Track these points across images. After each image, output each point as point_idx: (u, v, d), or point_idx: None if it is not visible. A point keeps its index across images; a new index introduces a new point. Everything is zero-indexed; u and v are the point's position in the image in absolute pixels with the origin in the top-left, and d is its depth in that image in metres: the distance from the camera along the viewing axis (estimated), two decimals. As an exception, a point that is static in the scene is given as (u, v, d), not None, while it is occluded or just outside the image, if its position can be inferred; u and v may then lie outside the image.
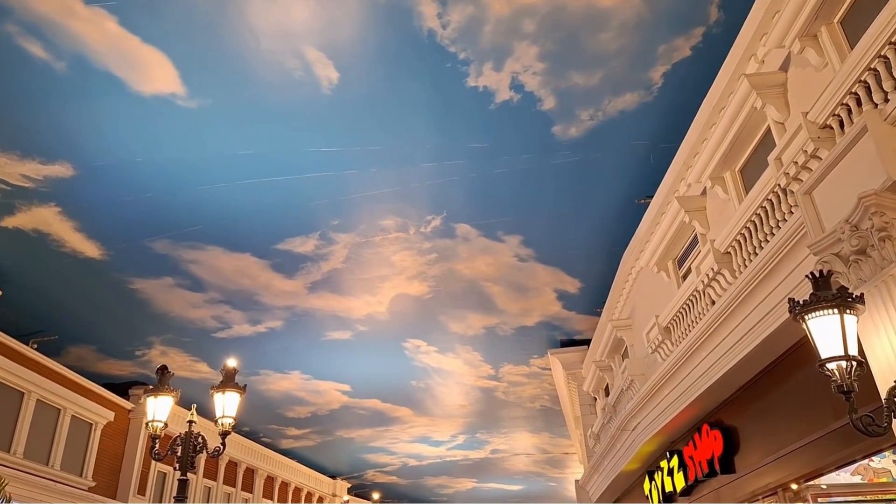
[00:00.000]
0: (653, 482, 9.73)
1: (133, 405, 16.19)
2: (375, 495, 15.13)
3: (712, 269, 6.67)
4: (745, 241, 6.04)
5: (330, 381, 17.55)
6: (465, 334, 14.99)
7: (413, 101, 8.10)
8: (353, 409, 19.52)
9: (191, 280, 12.43)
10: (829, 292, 3.76)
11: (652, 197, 9.10)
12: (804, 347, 5.88)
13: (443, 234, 11.04)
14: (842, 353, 3.68)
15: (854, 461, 6.34)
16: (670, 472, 8.77)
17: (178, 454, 7.07)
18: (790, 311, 3.90)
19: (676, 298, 7.95)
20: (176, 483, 17.05)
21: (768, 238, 5.46)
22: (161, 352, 15.28)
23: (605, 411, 11.75)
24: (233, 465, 20.29)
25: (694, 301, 7.43)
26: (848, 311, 3.71)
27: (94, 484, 14.80)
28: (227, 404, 7.14)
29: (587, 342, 14.49)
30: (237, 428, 20.55)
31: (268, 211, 10.44)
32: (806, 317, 3.79)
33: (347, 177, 9.54)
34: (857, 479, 8.07)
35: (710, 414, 7.67)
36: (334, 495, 24.87)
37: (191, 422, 7.33)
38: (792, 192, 5.22)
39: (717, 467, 7.30)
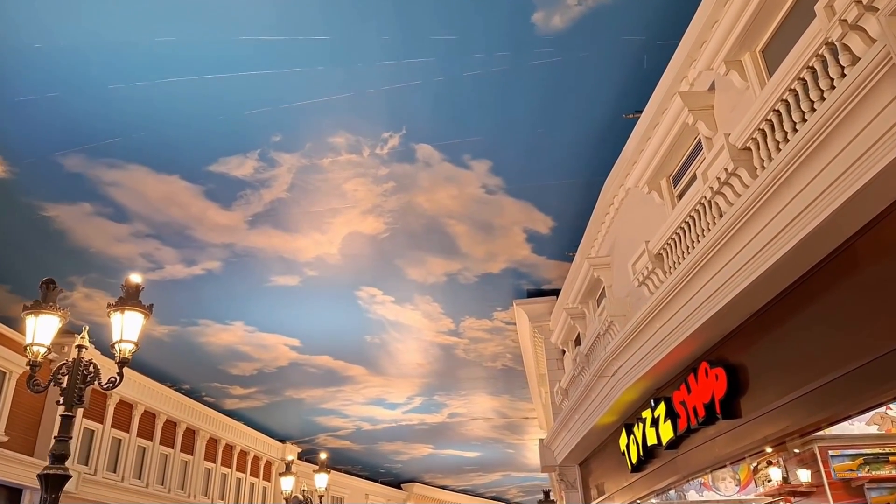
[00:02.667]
0: (631, 436, 8.76)
1: (56, 353, 14.47)
2: (323, 455, 13.88)
3: (726, 169, 5.52)
4: (777, 123, 4.89)
5: (277, 334, 16.12)
6: (424, 282, 13.74)
7: (369, -24, 6.68)
8: (303, 366, 18.16)
9: (112, 207, 10.78)
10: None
11: (641, 112, 7.92)
12: (841, 257, 4.81)
13: (401, 158, 9.68)
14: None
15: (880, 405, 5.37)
16: (654, 423, 7.76)
17: (64, 386, 5.62)
18: None
19: (672, 219, 6.82)
20: (109, 440, 15.43)
21: (824, 96, 4.29)
22: (85, 294, 13.58)
23: (575, 362, 10.72)
24: (171, 425, 18.77)
25: (696, 217, 6.31)
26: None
27: (6, 439, 13.18)
28: (127, 327, 5.71)
29: (556, 292, 13.44)
30: (176, 385, 19.04)
31: (197, 121, 8.89)
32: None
33: (290, 77, 8.05)
34: (872, 430, 7.25)
35: (709, 351, 6.63)
36: (283, 460, 23.58)
37: (80, 347, 5.86)
38: (847, 48, 4.06)
39: (719, 411, 6.27)
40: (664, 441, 7.54)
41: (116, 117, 8.82)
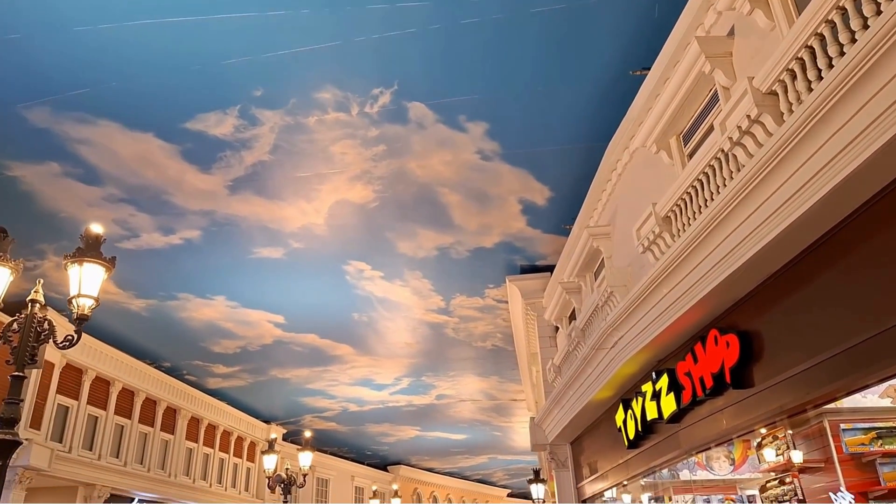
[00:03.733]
0: (628, 411, 8.36)
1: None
2: (307, 433, 13.42)
3: (748, 116, 5.05)
4: (809, 61, 4.41)
5: (261, 310, 15.56)
6: (414, 256, 13.23)
7: None
8: (288, 344, 17.62)
9: (82, 168, 10.14)
10: None
11: (649, 69, 7.42)
12: (866, 215, 4.37)
13: (393, 118, 9.12)
14: None
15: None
16: (656, 396, 7.35)
17: (15, 344, 5.07)
18: None
19: (683, 178, 6.37)
20: (85, 417, 14.84)
21: (868, 24, 3.82)
22: (56, 263, 12.90)
23: (570, 338, 10.30)
24: (151, 404, 18.19)
25: (710, 173, 5.84)
26: None
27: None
28: (86, 280, 5.16)
29: (550, 269, 12.99)
30: (156, 363, 18.43)
31: (171, 71, 8.26)
32: None
33: (272, 22, 7.45)
34: (886, 403, 6.89)
35: (719, 318, 6.20)
36: (267, 440, 23.08)
37: (33, 302, 5.30)
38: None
39: (729, 380, 5.85)
40: (666, 415, 7.14)
41: (84, 65, 8.17)
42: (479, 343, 18.01)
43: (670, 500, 11.23)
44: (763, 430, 7.20)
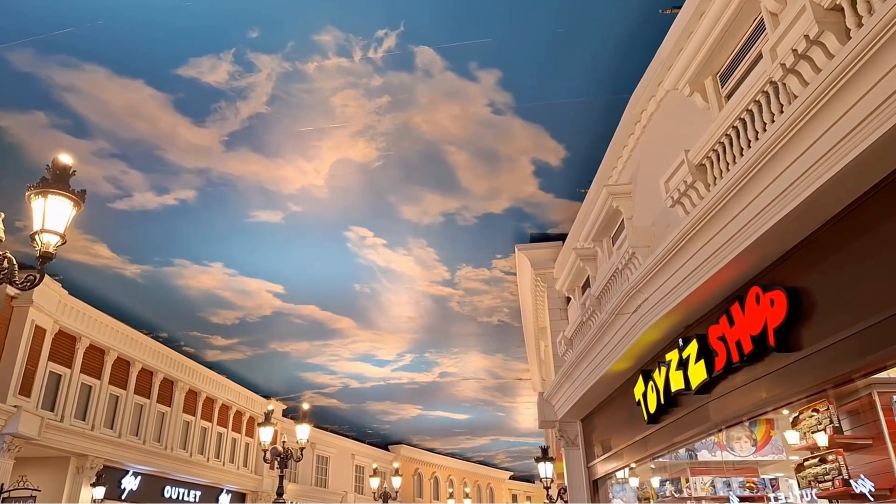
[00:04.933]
0: (649, 383, 7.78)
1: (17, 291, 13.29)
2: (305, 405, 12.91)
3: (806, 36, 4.39)
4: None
5: (259, 278, 15.01)
6: (419, 223, 12.62)
7: None
8: (288, 316, 17.10)
9: (70, 118, 9.54)
10: None
11: (681, 7, 6.73)
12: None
13: (398, 64, 8.46)
14: None
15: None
16: (682, 364, 6.76)
17: (-30, 287, 4.50)
18: None
19: (721, 119, 5.73)
20: (78, 386, 14.37)
21: None
22: (44, 226, 12.36)
23: (584, 307, 9.71)
24: (147, 374, 17.74)
25: (755, 110, 5.19)
26: None
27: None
28: (51, 215, 4.57)
29: (562, 237, 12.37)
30: (153, 333, 17.92)
31: (161, 8, 7.60)
32: None
33: (269, -51, 6.78)
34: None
35: (761, 274, 5.59)
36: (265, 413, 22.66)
37: (-8, 239, 4.70)
38: None
39: (772, 342, 5.24)
40: (694, 385, 6.56)
41: (68, 2, 7.53)
42: (484, 318, 17.46)
43: (687, 481, 10.73)
44: (806, 402, 6.59)
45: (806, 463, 6.88)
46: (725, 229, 5.49)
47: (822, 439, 6.53)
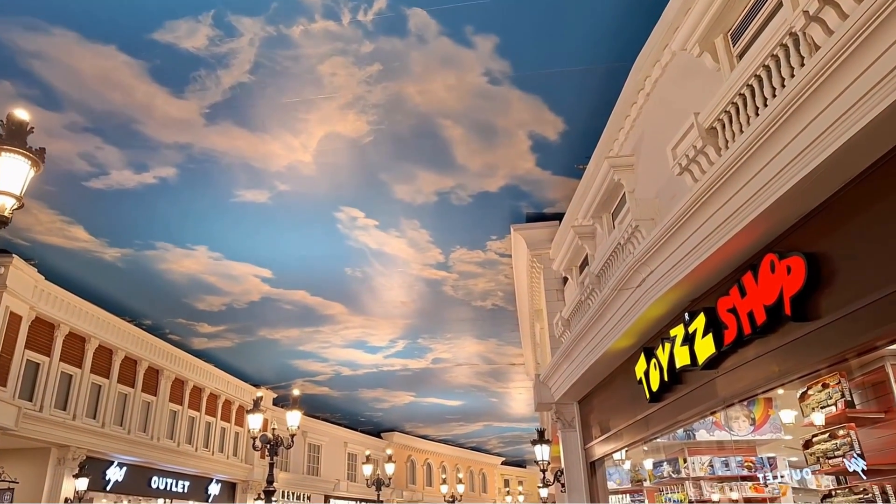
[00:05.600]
0: (652, 360, 7.45)
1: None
2: (296, 391, 12.52)
3: (838, -28, 4.01)
4: None
5: (246, 262, 14.55)
6: (412, 203, 12.19)
7: None
8: (277, 302, 16.67)
9: (39, 88, 9.01)
10: None
11: (690, -38, 6.32)
12: None
13: (390, 28, 8.00)
14: None
15: None
16: (688, 340, 6.42)
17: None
18: None
19: (734, 78, 5.34)
20: (58, 375, 13.87)
21: None
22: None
23: (583, 286, 9.36)
24: (131, 363, 17.26)
25: (773, 65, 4.81)
26: None
27: None
28: (4, 174, 4.12)
29: (559, 217, 11.99)
30: (136, 320, 17.41)
31: (134, -35, 7.11)
32: None
33: None
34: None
35: (776, 240, 5.23)
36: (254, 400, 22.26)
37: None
38: None
39: (788, 311, 4.90)
40: (701, 360, 6.22)
41: (31, -43, 7.03)
42: (478, 302, 17.11)
43: (685, 462, 10.48)
44: (817, 376, 6.28)
45: (815, 439, 6.59)
46: (739, 194, 5.12)
47: (818, 419, 6.26)
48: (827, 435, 6.21)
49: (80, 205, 11.84)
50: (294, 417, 12.04)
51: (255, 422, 12.08)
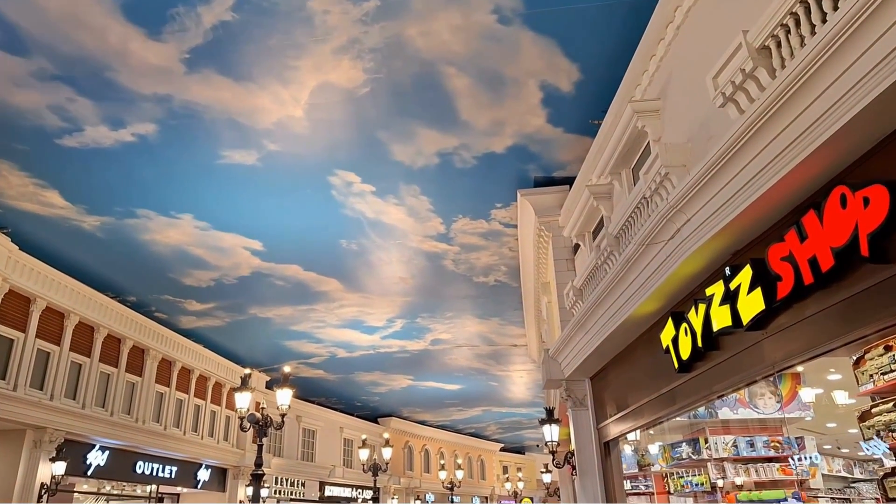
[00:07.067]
0: (682, 326, 6.66)
1: None
2: (287, 368, 11.74)
3: None
4: None
5: (235, 233, 13.71)
6: (412, 165, 11.36)
7: None
8: (269, 277, 15.84)
9: (1, 28, 8.11)
10: None
11: None
12: None
13: (389, -46, 7.13)
14: None
15: None
16: (730, 297, 5.64)
17: None
18: None
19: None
20: (34, 353, 13.01)
21: None
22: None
23: (599, 250, 8.59)
24: (114, 342, 16.42)
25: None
26: None
27: None
28: None
29: (570, 181, 11.19)
30: (120, 297, 16.50)
31: None
32: None
33: None
34: None
35: (846, 170, 4.44)
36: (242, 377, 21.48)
37: None
38: None
39: (866, 252, 4.12)
40: (746, 319, 5.44)
41: None
42: (480, 278, 16.32)
43: (706, 442, 9.77)
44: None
45: (874, 410, 5.84)
46: (801, 117, 4.32)
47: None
48: (892, 404, 5.46)
49: (53, 165, 10.96)
50: (284, 396, 11.26)
51: (242, 401, 11.28)
